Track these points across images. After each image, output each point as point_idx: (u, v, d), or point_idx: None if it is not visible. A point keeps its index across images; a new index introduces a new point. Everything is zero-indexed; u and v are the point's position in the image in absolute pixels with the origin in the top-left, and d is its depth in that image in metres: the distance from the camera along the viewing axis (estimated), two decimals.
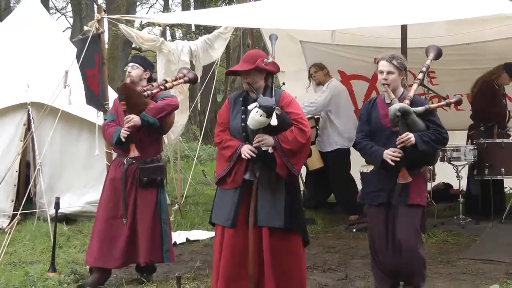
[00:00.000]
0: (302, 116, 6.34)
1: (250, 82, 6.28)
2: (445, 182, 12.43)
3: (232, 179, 6.31)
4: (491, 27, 10.66)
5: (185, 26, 26.89)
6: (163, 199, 7.71)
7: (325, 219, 11.33)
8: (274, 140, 6.13)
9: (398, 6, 9.02)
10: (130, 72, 7.62)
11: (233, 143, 6.29)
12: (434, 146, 6.32)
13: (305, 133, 6.22)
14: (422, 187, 6.54)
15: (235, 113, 6.39)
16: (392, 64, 6.37)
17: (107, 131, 7.60)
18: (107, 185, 7.63)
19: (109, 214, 7.47)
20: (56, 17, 37.96)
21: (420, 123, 6.26)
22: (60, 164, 11.09)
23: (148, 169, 7.53)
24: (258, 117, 5.97)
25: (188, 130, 23.23)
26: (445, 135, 6.35)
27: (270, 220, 6.20)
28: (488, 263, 8.32)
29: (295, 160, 6.23)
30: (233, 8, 11.76)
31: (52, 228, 8.60)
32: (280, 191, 6.26)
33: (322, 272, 8.15)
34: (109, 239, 7.43)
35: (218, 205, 6.46)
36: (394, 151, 6.23)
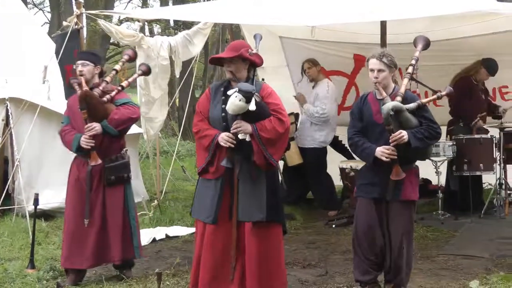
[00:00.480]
0: (281, 106, 6.37)
1: (233, 70, 6.31)
2: (424, 177, 12.45)
3: (215, 169, 6.32)
4: (469, 24, 10.68)
5: (163, 21, 26.80)
6: (130, 195, 7.68)
7: (304, 215, 11.35)
8: (252, 128, 6.14)
9: (378, 2, 9.03)
10: (82, 70, 7.40)
11: (211, 132, 6.32)
12: (428, 142, 6.36)
13: (283, 123, 6.25)
14: (415, 181, 6.56)
15: (215, 102, 6.40)
16: (382, 62, 6.39)
17: (65, 137, 7.48)
18: (71, 185, 7.54)
19: (78, 215, 7.38)
20: (33, 12, 37.65)
21: (413, 119, 6.29)
22: (39, 160, 11.01)
23: (115, 167, 7.47)
24: (237, 102, 5.98)
25: (166, 125, 23.15)
26: (438, 130, 6.39)
27: (252, 214, 6.22)
28: (467, 258, 8.36)
29: (274, 150, 6.25)
30: (212, 4, 11.71)
31: (31, 225, 8.54)
32: (261, 184, 6.28)
33: (302, 268, 8.15)
34: (80, 239, 7.37)
35: (199, 199, 6.45)
36: (388, 148, 6.26)
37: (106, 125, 7.28)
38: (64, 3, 28.97)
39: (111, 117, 7.31)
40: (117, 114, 7.35)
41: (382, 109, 6.22)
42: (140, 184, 12.99)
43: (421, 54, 6.95)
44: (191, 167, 16.13)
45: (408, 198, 6.42)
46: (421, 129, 6.28)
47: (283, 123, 6.24)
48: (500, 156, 10.66)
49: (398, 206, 6.41)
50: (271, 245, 6.34)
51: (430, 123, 6.33)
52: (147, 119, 10.96)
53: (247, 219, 6.22)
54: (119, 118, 7.36)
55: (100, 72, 7.62)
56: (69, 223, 7.45)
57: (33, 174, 11.01)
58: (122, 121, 7.42)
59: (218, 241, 6.24)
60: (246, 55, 6.30)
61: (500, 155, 10.66)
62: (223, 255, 6.24)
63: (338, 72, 12.52)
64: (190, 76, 14.36)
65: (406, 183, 6.38)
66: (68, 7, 28.23)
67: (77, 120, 7.41)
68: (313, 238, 9.74)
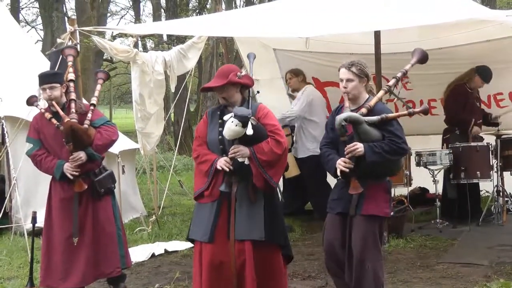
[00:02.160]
0: (278, 127, 6.31)
1: (225, 97, 6.26)
2: (422, 186, 12.49)
3: (209, 193, 6.26)
4: (462, 32, 10.73)
5: (157, 36, 26.87)
6: (115, 205, 7.62)
7: (303, 227, 11.33)
8: (250, 151, 6.10)
9: (371, 12, 9.06)
10: (51, 95, 7.21)
11: (210, 157, 6.27)
12: (386, 157, 6.00)
13: (281, 144, 6.18)
14: (382, 197, 6.23)
15: (212, 126, 6.37)
16: (351, 72, 6.22)
17: (42, 163, 7.32)
18: (56, 206, 7.37)
19: (67, 235, 7.23)
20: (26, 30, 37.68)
21: (374, 132, 6.02)
22: (35, 178, 10.93)
23: (103, 180, 7.37)
24: (233, 127, 5.93)
25: (162, 140, 23.16)
26: (401, 145, 6.04)
27: (250, 233, 6.16)
28: (467, 266, 8.35)
29: (273, 172, 6.19)
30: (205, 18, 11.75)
31: (29, 243, 8.53)
32: (258, 203, 6.21)
33: (302, 280, 8.15)
34: (71, 258, 7.24)
35: (195, 221, 6.41)
36: (344, 160, 6.06)
37: (91, 153, 7.19)
38: (57, 20, 29.01)
39: (96, 143, 7.21)
40: (100, 139, 7.26)
41: (336, 119, 6.06)
42: (138, 199, 12.98)
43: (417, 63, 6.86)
44: (188, 182, 16.14)
45: (369, 213, 6.12)
46: (382, 143, 6.00)
47: (280, 144, 6.18)
48: (497, 164, 10.68)
49: (360, 221, 6.13)
50: (273, 268, 6.28)
51: (394, 137, 6.02)
52: (144, 134, 10.95)
53: (247, 237, 6.16)
54: (103, 143, 7.30)
55: (65, 90, 7.42)
56: (59, 243, 7.29)
57: (30, 192, 10.96)
58: (106, 146, 7.39)
59: (217, 260, 6.16)
60: (234, 79, 6.22)
61: (497, 162, 10.68)
62: (222, 275, 6.20)
63: (333, 83, 12.48)
64: (184, 90, 14.39)
65: (368, 198, 6.12)
66: (61, 24, 28.25)
67: (50, 143, 7.30)
68: (312, 250, 9.73)
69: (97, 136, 7.23)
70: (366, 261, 6.08)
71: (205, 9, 33.15)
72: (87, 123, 7.19)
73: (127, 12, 42.79)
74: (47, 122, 7.25)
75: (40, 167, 7.41)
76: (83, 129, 7.12)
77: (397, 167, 6.39)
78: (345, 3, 9.66)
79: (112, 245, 7.37)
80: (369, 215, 6.11)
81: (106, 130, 7.34)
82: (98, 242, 7.31)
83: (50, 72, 8.03)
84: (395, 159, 6.13)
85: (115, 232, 7.42)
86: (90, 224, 7.28)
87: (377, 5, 9.25)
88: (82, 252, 7.23)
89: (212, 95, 27.58)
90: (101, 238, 7.33)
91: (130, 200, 12.33)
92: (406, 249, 9.38)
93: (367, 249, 6.10)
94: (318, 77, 12.32)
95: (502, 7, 30.18)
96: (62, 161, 7.17)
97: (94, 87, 7.83)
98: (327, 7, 9.50)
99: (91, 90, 21.33)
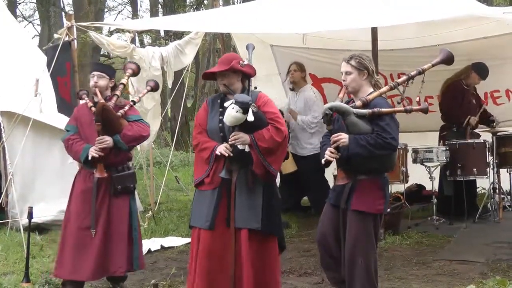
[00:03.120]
0: (279, 115, 6.37)
1: (226, 83, 6.32)
2: (418, 183, 12.49)
3: (210, 180, 6.31)
4: (459, 29, 10.73)
5: (154, 32, 26.83)
6: (134, 206, 7.62)
7: (299, 223, 11.33)
8: (250, 138, 6.15)
9: (368, 9, 9.06)
10: (97, 82, 7.39)
11: (210, 144, 6.31)
12: (371, 150, 5.92)
13: (281, 132, 6.25)
14: (374, 194, 6.16)
15: (213, 114, 6.42)
16: (349, 64, 6.25)
17: (73, 147, 7.39)
18: (77, 197, 7.43)
19: (81, 226, 7.27)
20: (23, 25, 37.64)
21: (361, 125, 5.98)
22: (32, 173, 10.98)
23: (122, 177, 7.42)
24: (234, 113, 5.97)
25: (159, 136, 23.13)
26: (389, 140, 5.94)
27: (248, 221, 6.20)
28: (463, 263, 8.35)
29: (272, 159, 6.25)
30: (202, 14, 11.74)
31: (25, 238, 8.50)
32: (257, 193, 6.26)
33: (298, 276, 8.14)
34: (82, 251, 7.25)
35: (196, 208, 6.43)
36: (330, 150, 6.06)
37: (118, 140, 7.23)
38: (54, 15, 28.98)
39: (125, 133, 7.26)
40: (131, 130, 7.32)
41: (323, 107, 6.12)
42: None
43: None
44: (184, 177, 16.16)
45: (359, 209, 6.08)
46: (368, 136, 5.94)
47: (280, 131, 6.24)
48: (493, 161, 10.68)
49: (352, 216, 6.12)
50: (267, 257, 6.32)
51: (382, 132, 5.95)
52: None
53: (244, 225, 6.20)
54: (132, 134, 7.33)
55: (113, 86, 7.58)
56: (72, 235, 7.32)
57: (27, 187, 10.97)
58: (134, 138, 7.40)
59: (215, 247, 6.20)
60: (237, 66, 6.30)
61: (493, 159, 10.68)
62: (219, 263, 6.21)
63: (330, 79, 12.52)
64: (181, 86, 14.38)
65: (357, 194, 6.10)
66: (58, 19, 28.25)
67: (85, 131, 7.37)
68: (308, 246, 9.71)
69: (127, 127, 7.31)
70: (358, 256, 6.08)
71: (202, 4, 33.06)
72: (122, 112, 7.31)
73: (125, 7, 42.84)
74: (88, 111, 7.38)
75: (70, 151, 7.50)
76: (115, 113, 7.21)
77: (389, 163, 6.30)
78: None
79: (121, 244, 7.36)
80: (360, 211, 6.10)
81: (138, 125, 7.43)
82: (108, 239, 7.33)
83: (101, 63, 8.21)
84: (381, 154, 6.02)
85: (126, 232, 7.41)
86: (104, 219, 7.31)
87: (374, 2, 9.25)
88: (94, 246, 7.25)
89: (209, 90, 27.59)
90: (112, 235, 7.34)
91: None
92: (402, 246, 9.38)
93: (358, 245, 6.09)
94: (315, 73, 12.31)
95: (500, 4, 30.18)
96: (89, 145, 7.23)
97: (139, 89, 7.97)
98: (324, 3, 9.50)
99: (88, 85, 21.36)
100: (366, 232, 6.13)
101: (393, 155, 6.25)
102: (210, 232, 6.21)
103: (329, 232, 6.36)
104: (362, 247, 6.10)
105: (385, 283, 7.50)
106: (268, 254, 6.32)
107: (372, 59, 6.69)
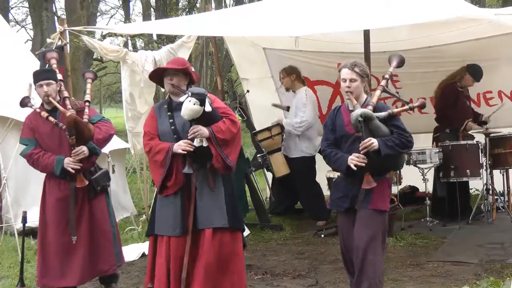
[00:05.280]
0: (229, 109, 6.60)
1: (175, 83, 6.43)
2: (411, 185, 12.50)
3: (173, 182, 6.37)
4: (452, 30, 10.75)
5: (147, 35, 26.83)
6: (110, 203, 7.65)
7: (293, 225, 11.33)
8: (208, 131, 6.24)
9: (360, 11, 9.06)
10: (47, 91, 7.21)
11: (163, 145, 6.40)
12: (398, 150, 6.23)
13: (236, 123, 6.46)
14: (386, 192, 6.46)
15: (162, 119, 6.52)
16: (354, 72, 6.32)
17: (39, 161, 7.26)
18: (52, 206, 7.35)
19: (63, 234, 7.25)
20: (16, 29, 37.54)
21: (384, 128, 6.20)
22: (25, 178, 10.91)
23: (99, 178, 7.41)
24: (192, 106, 6.06)
25: None
26: (410, 138, 6.26)
27: (212, 220, 6.29)
28: (457, 264, 8.38)
29: (229, 151, 6.37)
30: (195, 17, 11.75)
31: (20, 243, 8.51)
32: (219, 191, 6.39)
33: (292, 278, 8.14)
34: (68, 257, 7.25)
35: (159, 216, 6.48)
36: (358, 156, 6.16)
37: (93, 147, 7.25)
38: (47, 20, 28.93)
39: (97, 138, 7.26)
40: (101, 133, 7.32)
41: (351, 115, 6.16)
42: (128, 199, 12.97)
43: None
44: None
45: (376, 207, 6.29)
46: (392, 137, 6.19)
47: (235, 123, 6.43)
48: (486, 162, 10.69)
49: (365, 214, 6.26)
50: (234, 252, 6.42)
51: (402, 131, 6.23)
52: (134, 134, 10.92)
53: (209, 225, 6.28)
54: (103, 137, 7.36)
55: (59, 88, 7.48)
56: (53, 243, 7.29)
57: (21, 192, 10.93)
58: (105, 139, 7.43)
59: (183, 251, 6.29)
60: (190, 69, 6.54)
61: (486, 160, 10.69)
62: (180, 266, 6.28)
63: (322, 81, 12.54)
64: None
65: (376, 193, 6.27)
66: (50, 24, 28.19)
67: (46, 142, 7.29)
68: (302, 249, 9.73)
69: (96, 131, 7.29)
70: (369, 253, 6.19)
71: (195, 8, 33.08)
72: (86, 117, 7.25)
73: (117, 11, 42.69)
74: (43, 121, 7.27)
75: (37, 166, 7.37)
76: (83, 122, 7.16)
77: (402, 161, 6.71)
78: (335, 2, 9.66)
79: (108, 243, 7.39)
80: (377, 210, 6.28)
81: (103, 125, 7.42)
82: (94, 241, 7.33)
83: (46, 69, 8.06)
84: (404, 152, 6.47)
85: (109, 230, 7.44)
86: (86, 222, 7.30)
87: (366, 4, 9.25)
88: (79, 251, 7.25)
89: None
90: (97, 236, 7.35)
91: (120, 199, 12.29)
92: (396, 248, 9.39)
93: (371, 241, 6.21)
94: (308, 76, 12.31)
95: (492, 5, 30.24)
96: (61, 157, 7.17)
97: (85, 87, 7.85)
98: (317, 6, 9.49)
99: (82, 89, 21.34)
100: (381, 229, 6.35)
101: (404, 154, 6.57)
102: (179, 238, 6.28)
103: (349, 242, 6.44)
104: (375, 244, 6.25)
105: None
106: (234, 249, 6.43)
107: (364, 61, 6.76)
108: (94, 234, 7.34)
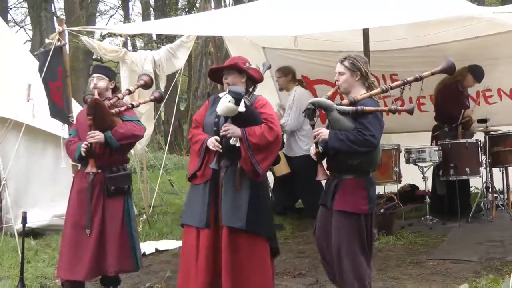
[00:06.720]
0: (274, 117, 6.44)
1: (229, 82, 6.42)
2: (411, 183, 12.51)
3: (202, 173, 6.39)
4: (451, 29, 10.77)
5: (146, 35, 26.84)
6: (131, 207, 7.61)
7: (293, 224, 11.35)
8: (241, 132, 6.20)
9: (360, 10, 9.07)
10: (96, 84, 7.40)
11: (201, 136, 6.44)
12: (351, 146, 5.95)
13: (274, 131, 6.30)
14: (359, 194, 6.14)
15: (211, 110, 6.52)
16: (342, 65, 6.29)
17: (70, 148, 7.48)
18: (73, 197, 7.45)
19: (76, 226, 7.29)
20: (15, 30, 37.54)
21: (345, 122, 6.02)
22: (25, 178, 10.93)
23: (115, 178, 7.40)
24: (226, 103, 6.04)
25: (153, 140, 23.13)
26: (368, 137, 5.96)
27: (230, 220, 6.23)
28: (457, 262, 8.39)
29: (261, 157, 6.27)
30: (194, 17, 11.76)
31: (20, 243, 8.50)
32: (244, 192, 6.29)
33: (292, 277, 8.16)
34: (78, 251, 7.25)
35: (189, 205, 6.51)
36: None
37: (109, 136, 7.22)
38: (46, 20, 28.93)
39: (116, 130, 7.26)
40: (123, 128, 7.32)
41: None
42: None
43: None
44: (178, 181, 16.13)
45: (342, 209, 6.09)
46: (348, 132, 5.99)
47: (273, 131, 6.28)
48: (486, 160, 10.71)
49: (336, 216, 6.14)
50: (253, 257, 6.31)
51: (363, 129, 5.97)
52: None
53: (226, 223, 6.23)
54: (124, 132, 7.31)
55: (113, 88, 7.65)
56: (68, 235, 7.35)
57: (21, 192, 10.92)
58: (126, 136, 7.35)
59: (211, 244, 6.25)
60: (241, 66, 6.43)
61: (486, 158, 10.71)
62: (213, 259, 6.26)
63: (322, 81, 12.53)
64: (174, 89, 14.36)
65: (343, 194, 6.13)
66: (49, 24, 28.17)
67: (83, 134, 7.38)
68: (302, 248, 9.75)
69: (120, 125, 7.33)
70: (343, 257, 6.08)
71: (194, 8, 33.06)
72: (116, 110, 7.35)
73: (116, 11, 42.69)
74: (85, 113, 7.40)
75: (67, 152, 7.63)
76: (107, 109, 7.25)
77: (371, 161, 6.24)
78: (334, 1, 9.68)
79: (113, 245, 7.34)
80: (343, 211, 6.11)
81: (131, 124, 7.42)
82: (103, 239, 7.32)
83: (102, 65, 8.23)
84: (360, 151, 6.02)
85: (118, 233, 7.37)
86: (99, 219, 7.31)
87: (365, 3, 9.27)
88: (89, 246, 7.25)
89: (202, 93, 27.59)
90: (106, 235, 7.33)
91: None
92: (396, 246, 9.41)
93: (342, 246, 6.09)
94: (307, 75, 12.33)
95: (491, 3, 30.23)
96: (82, 142, 7.25)
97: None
98: (316, 5, 9.51)
99: (81, 90, 21.35)
100: (350, 231, 6.11)
101: (374, 153, 6.21)
102: (208, 230, 6.26)
103: (321, 236, 6.39)
104: (346, 248, 6.09)
105: (379, 283, 7.54)
106: (255, 256, 6.31)
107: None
108: (104, 233, 7.32)
